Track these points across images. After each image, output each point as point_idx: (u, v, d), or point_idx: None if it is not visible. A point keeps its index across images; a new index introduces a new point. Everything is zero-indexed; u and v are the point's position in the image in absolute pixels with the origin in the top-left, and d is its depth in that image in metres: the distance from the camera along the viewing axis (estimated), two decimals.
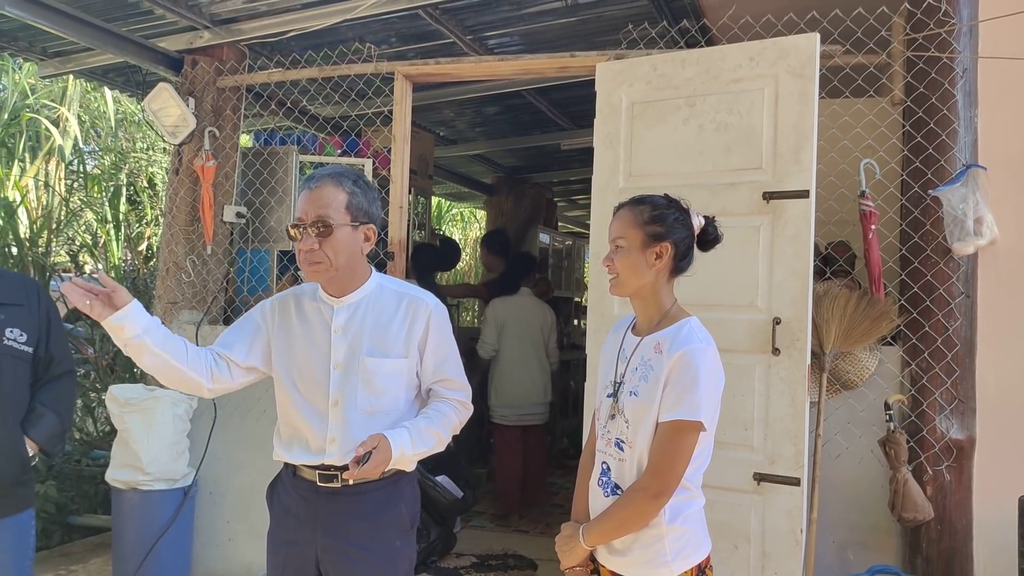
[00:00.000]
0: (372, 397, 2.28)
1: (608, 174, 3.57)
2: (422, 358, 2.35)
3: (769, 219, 3.19)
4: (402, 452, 2.20)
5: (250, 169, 4.71)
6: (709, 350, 2.01)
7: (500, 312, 5.74)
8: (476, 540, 5.23)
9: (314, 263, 2.24)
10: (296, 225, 2.25)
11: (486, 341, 5.75)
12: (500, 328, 5.70)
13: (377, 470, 2.16)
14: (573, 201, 10.90)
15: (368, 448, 2.14)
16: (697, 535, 2.06)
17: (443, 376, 2.39)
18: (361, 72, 4.31)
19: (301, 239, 2.24)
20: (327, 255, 2.23)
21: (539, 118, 6.53)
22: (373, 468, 2.14)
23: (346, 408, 2.27)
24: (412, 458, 2.28)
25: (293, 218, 2.30)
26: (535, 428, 5.71)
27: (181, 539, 4.19)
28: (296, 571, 2.32)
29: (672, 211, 2.10)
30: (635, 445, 2.03)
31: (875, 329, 3.29)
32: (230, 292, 4.73)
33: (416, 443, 2.25)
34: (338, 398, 2.28)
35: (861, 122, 3.50)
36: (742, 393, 3.16)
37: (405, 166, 4.22)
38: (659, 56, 3.52)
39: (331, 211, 2.23)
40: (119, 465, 4.09)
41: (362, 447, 2.14)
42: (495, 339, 5.71)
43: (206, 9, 4.25)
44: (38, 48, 4.88)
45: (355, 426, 2.26)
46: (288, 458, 2.34)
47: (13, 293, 2.83)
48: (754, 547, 3.14)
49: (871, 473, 3.38)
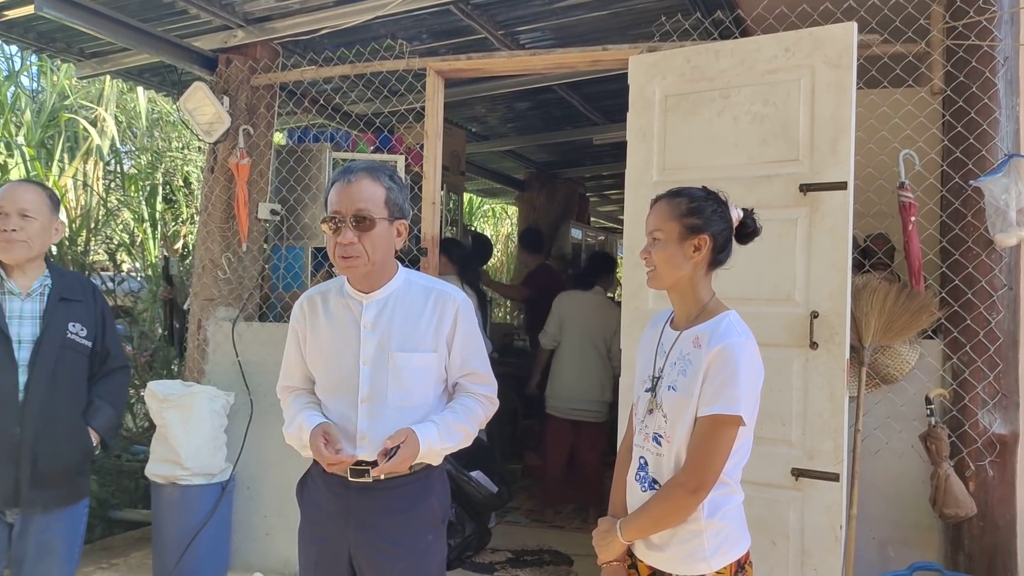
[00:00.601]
0: (402, 392, 2.28)
1: (641, 168, 3.54)
2: (450, 352, 2.35)
3: (806, 211, 3.15)
4: (429, 446, 2.21)
5: (284, 166, 4.75)
6: (749, 344, 1.99)
7: (563, 306, 5.78)
8: (511, 535, 5.23)
9: (351, 257, 2.22)
10: (332, 218, 2.22)
11: (547, 332, 5.80)
12: (561, 321, 5.74)
13: (404, 464, 2.18)
14: (605, 196, 10.85)
15: (396, 442, 2.15)
16: (736, 530, 2.04)
17: (470, 370, 2.39)
18: (393, 68, 4.32)
19: (338, 233, 2.22)
20: (365, 249, 2.22)
21: (571, 113, 6.51)
22: (400, 462, 2.15)
23: (376, 403, 2.27)
24: (439, 452, 2.28)
25: (328, 210, 2.28)
26: (589, 425, 5.69)
27: (219, 533, 4.23)
28: (329, 567, 2.33)
29: (710, 203, 2.07)
30: (673, 440, 2.01)
31: (915, 322, 3.24)
32: (265, 289, 4.77)
33: (443, 437, 2.26)
34: (368, 394, 2.28)
35: (900, 112, 3.44)
36: (779, 388, 3.13)
37: (438, 162, 4.23)
38: (693, 48, 3.49)
39: (370, 205, 2.22)
40: (158, 460, 4.15)
41: (390, 441, 2.16)
42: (556, 331, 5.75)
43: (240, 8, 4.28)
44: (75, 49, 4.94)
45: (385, 421, 2.26)
46: None
47: (73, 289, 2.94)
48: (793, 543, 3.11)
49: (912, 469, 3.33)
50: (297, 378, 2.46)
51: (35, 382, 2.76)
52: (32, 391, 2.76)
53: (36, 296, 2.85)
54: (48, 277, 2.89)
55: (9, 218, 2.77)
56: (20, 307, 2.81)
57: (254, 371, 4.43)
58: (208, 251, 4.63)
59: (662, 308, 2.27)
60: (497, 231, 13.72)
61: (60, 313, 2.86)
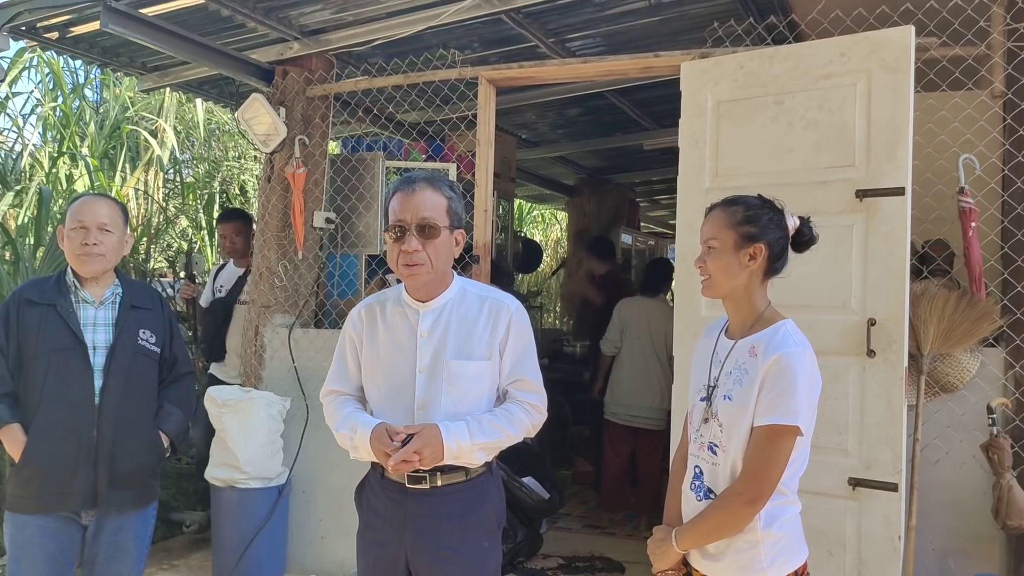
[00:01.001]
0: (457, 399, 2.30)
1: (694, 174, 3.53)
2: (501, 358, 2.36)
3: (863, 217, 3.11)
4: (458, 443, 2.21)
5: (338, 175, 4.82)
6: (806, 354, 1.97)
7: (625, 313, 5.80)
8: (563, 542, 5.23)
9: (415, 265, 2.25)
10: (397, 227, 2.26)
11: (608, 338, 5.82)
12: (623, 327, 5.75)
13: (428, 457, 2.18)
14: (655, 201, 10.79)
15: (412, 432, 2.18)
16: (793, 541, 2.03)
17: (518, 377, 2.38)
18: (445, 78, 4.37)
19: (402, 241, 2.25)
20: (429, 257, 2.25)
21: (621, 119, 6.49)
22: (417, 450, 2.16)
23: (432, 411, 2.30)
24: (471, 449, 2.24)
25: (390, 219, 2.30)
26: (648, 432, 5.67)
27: (276, 536, 4.32)
28: (386, 571, 2.35)
29: (766, 211, 2.07)
30: (729, 449, 2.01)
31: (976, 330, 3.17)
32: (320, 296, 4.85)
33: (475, 433, 2.24)
34: (424, 401, 2.30)
35: (959, 116, 3.37)
36: (835, 396, 3.09)
37: (489, 170, 4.26)
38: (746, 54, 3.47)
39: (434, 213, 2.26)
40: (217, 464, 4.25)
41: (406, 429, 2.19)
42: (617, 337, 5.77)
43: (295, 21, 4.37)
44: (138, 63, 5.09)
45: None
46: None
47: (142, 298, 3.05)
48: (850, 554, 3.07)
49: (973, 479, 3.26)
50: (348, 384, 2.48)
51: (110, 387, 2.86)
52: (108, 396, 2.85)
53: (108, 304, 2.94)
54: (119, 286, 2.99)
55: (89, 232, 2.87)
56: (94, 315, 2.91)
57: (309, 377, 4.50)
58: (265, 259, 4.72)
59: (715, 315, 2.27)
60: (547, 237, 13.73)
61: (131, 321, 2.95)
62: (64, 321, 2.83)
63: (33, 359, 2.81)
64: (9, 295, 2.94)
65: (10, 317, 2.84)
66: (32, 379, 2.81)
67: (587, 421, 6.72)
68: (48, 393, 2.79)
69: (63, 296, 2.88)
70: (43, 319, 2.83)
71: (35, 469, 2.78)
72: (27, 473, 2.78)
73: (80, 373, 2.82)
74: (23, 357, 2.83)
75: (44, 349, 2.81)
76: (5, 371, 2.82)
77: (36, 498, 2.79)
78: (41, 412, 2.79)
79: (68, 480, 2.79)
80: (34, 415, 2.80)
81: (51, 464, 2.78)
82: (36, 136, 8.11)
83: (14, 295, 2.91)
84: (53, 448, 2.78)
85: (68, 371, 2.82)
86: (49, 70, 8.01)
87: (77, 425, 2.80)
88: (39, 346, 2.81)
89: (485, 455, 2.32)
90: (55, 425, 2.79)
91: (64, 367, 2.81)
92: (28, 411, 2.81)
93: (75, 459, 2.79)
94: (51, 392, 2.80)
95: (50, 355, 2.81)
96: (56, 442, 2.79)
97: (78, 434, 2.80)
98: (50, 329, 2.83)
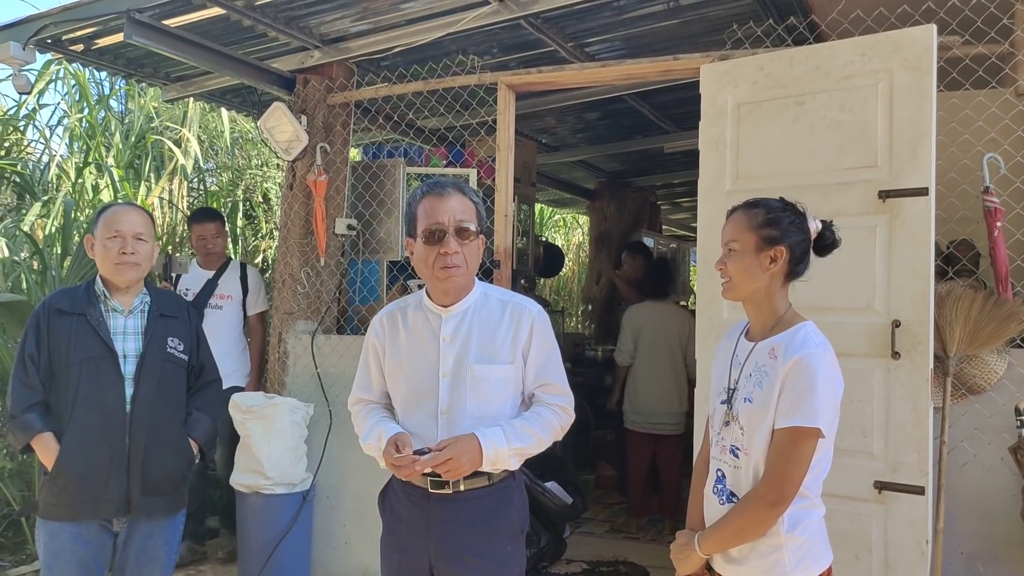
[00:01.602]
0: (481, 403, 2.31)
1: (714, 177, 3.52)
2: (526, 363, 2.37)
3: (886, 218, 3.09)
4: (496, 449, 2.22)
5: (359, 182, 4.85)
6: (827, 355, 1.96)
7: (636, 319, 5.76)
8: (586, 546, 5.22)
9: (453, 266, 2.27)
10: (435, 230, 2.27)
11: (622, 348, 5.77)
12: (636, 335, 5.71)
13: (467, 465, 2.18)
14: (677, 204, 10.76)
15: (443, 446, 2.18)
16: (817, 545, 2.01)
17: (544, 381, 2.40)
18: (465, 84, 4.38)
19: (439, 243, 2.27)
20: (466, 259, 2.29)
21: (641, 122, 6.49)
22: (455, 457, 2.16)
23: (456, 415, 2.31)
24: (508, 454, 2.26)
25: (423, 223, 2.30)
26: (668, 438, 5.65)
27: (301, 542, 4.34)
28: None
29: (788, 214, 2.06)
30: (751, 452, 2.00)
31: (1003, 331, 3.14)
32: (343, 302, 4.88)
33: (511, 438, 2.26)
34: (448, 406, 2.32)
35: (983, 115, 3.34)
36: (860, 399, 3.06)
37: (509, 175, 4.27)
38: (765, 55, 3.46)
39: (469, 216, 2.30)
40: (242, 470, 4.28)
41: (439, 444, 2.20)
42: (631, 346, 5.72)
43: (316, 30, 4.40)
44: (162, 73, 5.15)
45: (464, 433, 2.28)
46: None
47: (170, 307, 3.08)
48: (876, 558, 3.04)
49: (1001, 482, 3.22)
50: (373, 392, 2.50)
51: (141, 395, 2.89)
52: (139, 403, 2.88)
53: (137, 313, 2.98)
54: (147, 295, 3.02)
55: (126, 241, 2.91)
56: (124, 323, 2.94)
57: (332, 383, 4.53)
58: (287, 266, 4.76)
59: (737, 318, 2.26)
60: (568, 241, 13.72)
61: (160, 329, 2.99)
62: (94, 330, 2.86)
63: (65, 368, 2.84)
64: (39, 305, 2.96)
65: (40, 327, 2.87)
66: (64, 388, 2.84)
67: (610, 425, 6.70)
68: (81, 402, 2.82)
69: (93, 305, 2.91)
70: (74, 328, 2.86)
71: (69, 477, 2.81)
72: (61, 481, 2.81)
73: (111, 381, 2.85)
74: (54, 367, 2.86)
75: (76, 358, 2.83)
76: (37, 381, 2.85)
77: (70, 505, 2.82)
78: (74, 421, 2.82)
79: (101, 487, 2.82)
80: (67, 424, 2.83)
81: (85, 472, 2.81)
82: (63, 147, 8.22)
83: (44, 305, 2.94)
84: (86, 456, 2.81)
85: (100, 380, 2.85)
86: (75, 82, 8.12)
87: (110, 433, 2.84)
88: (71, 355, 2.84)
89: (519, 460, 2.34)
90: (88, 433, 2.82)
91: (96, 376, 2.84)
92: (61, 420, 2.84)
93: (108, 467, 2.83)
94: (83, 401, 2.83)
95: (82, 364, 2.84)
96: (90, 450, 2.82)
97: (111, 442, 2.83)
98: (81, 338, 2.86)
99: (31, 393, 2.84)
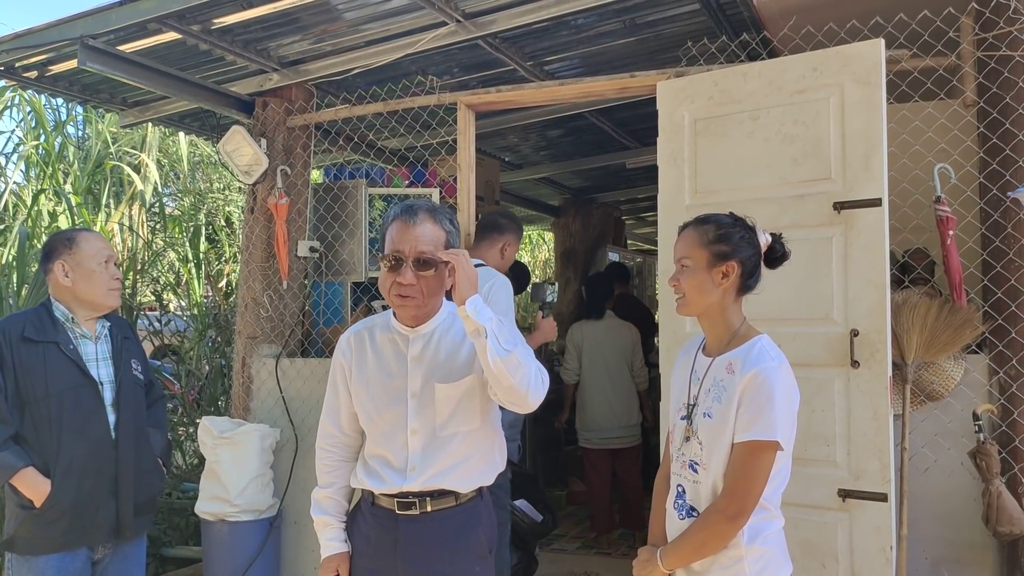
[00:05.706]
0: (449, 420, 2.30)
1: (674, 192, 3.55)
2: None
3: (841, 229, 3.13)
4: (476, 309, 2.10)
5: (321, 204, 4.83)
6: (782, 368, 1.98)
7: (577, 337, 5.77)
8: (558, 563, 5.21)
9: (407, 297, 2.24)
10: (393, 257, 2.24)
11: (567, 367, 5.78)
12: (579, 352, 5.72)
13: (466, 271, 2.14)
14: (641, 218, 10.84)
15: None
16: (777, 556, 2.03)
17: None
18: (424, 104, 4.39)
19: (397, 272, 2.23)
20: (422, 290, 2.24)
21: (603, 138, 6.53)
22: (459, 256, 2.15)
23: (425, 435, 2.30)
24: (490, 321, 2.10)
25: (387, 248, 2.29)
26: (625, 451, 5.65)
27: (268, 569, 4.27)
28: None
29: (738, 230, 2.08)
30: (710, 467, 2.01)
31: (959, 337, 3.19)
32: (307, 325, 4.84)
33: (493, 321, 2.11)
34: (417, 426, 2.30)
35: (933, 126, 3.41)
36: (822, 408, 3.10)
37: (471, 194, 4.28)
38: (720, 71, 3.51)
39: (432, 247, 2.24)
40: (208, 498, 4.21)
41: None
42: (576, 364, 5.73)
43: (274, 52, 4.39)
44: (118, 99, 5.09)
45: (435, 452, 2.28)
46: (370, 486, 2.37)
47: (124, 328, 3.09)
48: (842, 566, 3.07)
49: (962, 486, 3.26)
50: (340, 421, 2.45)
51: (123, 421, 2.89)
52: (122, 429, 2.88)
53: (103, 338, 2.96)
54: (105, 319, 3.01)
55: (113, 266, 2.91)
56: (95, 350, 2.92)
57: (298, 406, 4.49)
58: (250, 289, 4.72)
59: (700, 331, 2.27)
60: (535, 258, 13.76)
61: (126, 352, 2.99)
62: (69, 359, 2.83)
63: (44, 399, 2.79)
64: None
65: (5, 356, 2.79)
66: (46, 419, 2.79)
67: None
68: (67, 433, 2.79)
69: (61, 333, 2.86)
70: (46, 357, 2.81)
71: (61, 509, 2.77)
72: (53, 515, 2.76)
73: (93, 410, 2.84)
74: (25, 397, 2.79)
75: (55, 389, 2.79)
76: (6, 412, 2.78)
77: (59, 537, 2.78)
78: (63, 453, 2.78)
79: (92, 516, 2.81)
80: (55, 457, 2.78)
81: (77, 502, 2.78)
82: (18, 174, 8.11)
83: (2, 333, 2.84)
84: (78, 487, 2.79)
85: (82, 409, 2.82)
86: (31, 108, 8.02)
87: (97, 462, 2.82)
88: (49, 386, 2.79)
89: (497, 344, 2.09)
90: (77, 464, 2.79)
91: (77, 405, 2.82)
92: (45, 453, 2.79)
93: (99, 495, 2.82)
94: (69, 432, 2.79)
95: (63, 394, 2.80)
96: (80, 480, 2.80)
97: (99, 470, 2.82)
98: (56, 368, 2.81)
99: (3, 427, 2.77)
